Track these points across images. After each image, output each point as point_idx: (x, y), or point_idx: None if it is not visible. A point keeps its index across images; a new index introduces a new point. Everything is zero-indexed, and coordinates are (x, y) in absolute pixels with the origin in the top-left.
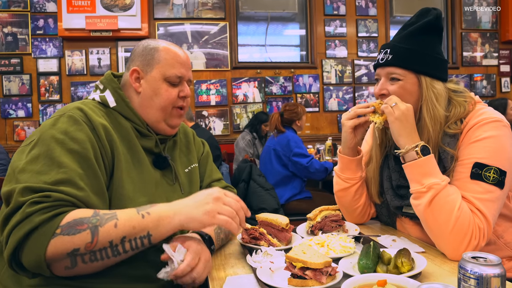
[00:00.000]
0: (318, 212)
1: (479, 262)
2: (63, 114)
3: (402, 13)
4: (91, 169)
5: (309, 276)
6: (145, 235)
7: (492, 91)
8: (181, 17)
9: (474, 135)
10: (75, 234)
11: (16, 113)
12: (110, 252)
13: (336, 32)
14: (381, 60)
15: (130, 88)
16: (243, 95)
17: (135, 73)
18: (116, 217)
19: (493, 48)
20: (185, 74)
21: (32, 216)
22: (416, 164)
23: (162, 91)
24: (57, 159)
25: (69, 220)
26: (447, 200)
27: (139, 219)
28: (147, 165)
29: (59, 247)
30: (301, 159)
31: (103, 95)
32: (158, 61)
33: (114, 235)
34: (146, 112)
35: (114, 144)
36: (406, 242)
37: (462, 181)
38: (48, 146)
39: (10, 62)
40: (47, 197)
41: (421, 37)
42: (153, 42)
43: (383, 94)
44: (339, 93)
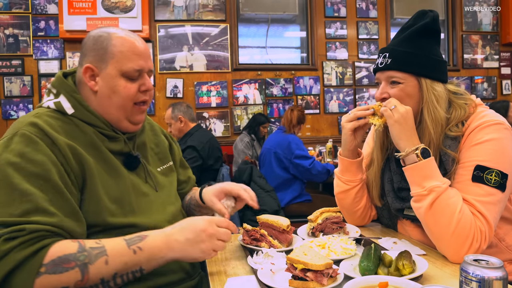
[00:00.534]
0: (319, 214)
1: (481, 264)
2: (16, 133)
3: (402, 15)
4: (57, 191)
5: (310, 277)
6: (137, 270)
7: (493, 94)
8: (182, 19)
9: (475, 138)
10: (62, 273)
11: (17, 114)
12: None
13: (336, 34)
14: (380, 64)
15: (85, 87)
16: (244, 96)
17: (89, 70)
18: (105, 252)
19: (494, 50)
20: (144, 66)
21: (11, 254)
22: (417, 167)
23: (120, 88)
24: (18, 187)
25: (53, 258)
26: (448, 203)
27: (130, 254)
28: (121, 171)
29: (45, 286)
30: (303, 161)
31: (58, 101)
32: (112, 55)
33: (105, 272)
34: (106, 112)
35: (82, 157)
36: (407, 244)
37: (463, 183)
38: (5, 173)
39: (12, 63)
40: (21, 231)
41: (419, 39)
42: (105, 33)
43: (384, 98)
44: (340, 95)
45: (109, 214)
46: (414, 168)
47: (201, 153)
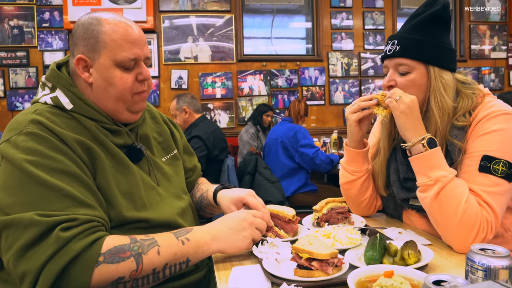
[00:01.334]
0: (324, 204)
1: (487, 254)
2: (20, 132)
3: (409, 5)
4: (83, 184)
5: (315, 267)
6: (184, 261)
7: (500, 85)
8: (187, 9)
9: (483, 128)
10: (120, 262)
11: (22, 105)
12: (151, 279)
13: (342, 25)
14: (388, 51)
15: (80, 78)
16: (249, 88)
17: (81, 62)
18: (156, 243)
19: (501, 41)
20: (139, 54)
21: (70, 244)
22: (423, 157)
23: (116, 79)
24: (47, 184)
25: (110, 247)
26: (454, 192)
27: (180, 245)
28: (129, 164)
29: (104, 275)
30: (307, 150)
31: (55, 96)
32: (104, 44)
33: (158, 262)
34: (104, 105)
35: (92, 152)
36: (413, 234)
37: (470, 173)
38: (28, 171)
39: (17, 55)
40: (74, 220)
41: (428, 27)
42: (94, 19)
43: (391, 86)
44: (345, 86)
45: (124, 209)
46: (420, 158)
47: (206, 143)
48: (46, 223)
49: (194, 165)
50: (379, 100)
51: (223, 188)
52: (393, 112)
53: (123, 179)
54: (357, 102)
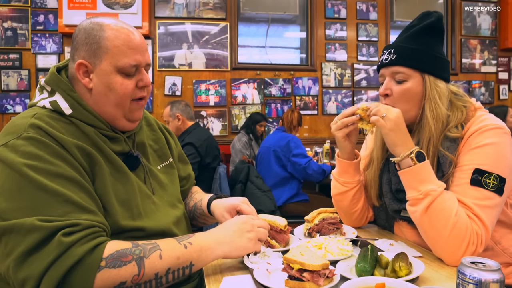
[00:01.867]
0: (316, 214)
1: (478, 267)
2: (19, 136)
3: (402, 18)
4: (84, 190)
5: (307, 278)
6: (187, 266)
7: (490, 98)
8: (182, 16)
9: (474, 141)
10: (121, 267)
11: (13, 108)
12: (154, 284)
13: (336, 36)
14: (385, 60)
15: (79, 83)
16: (242, 96)
17: (82, 67)
18: (158, 247)
19: (492, 55)
20: (141, 60)
21: (72, 249)
22: (412, 170)
23: (117, 85)
24: (48, 188)
25: (112, 252)
26: (443, 206)
27: (182, 249)
28: (127, 172)
29: (106, 280)
30: (300, 159)
31: (54, 100)
32: (106, 50)
33: (160, 266)
34: (102, 111)
35: (92, 157)
36: (404, 246)
37: (461, 186)
38: (28, 176)
39: (9, 57)
40: (76, 225)
41: (424, 37)
42: (96, 24)
43: (387, 94)
44: (338, 96)
45: (120, 217)
46: (409, 172)
47: (199, 150)
48: (48, 228)
49: (188, 174)
50: (361, 115)
51: (217, 197)
52: (381, 130)
53: (121, 186)
54: (340, 118)
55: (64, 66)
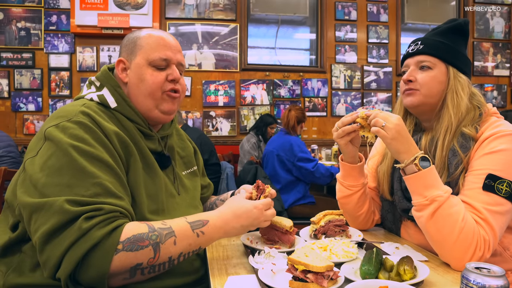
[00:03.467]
0: (322, 216)
1: (483, 273)
2: (69, 119)
3: (413, 20)
4: (117, 177)
5: (311, 279)
6: (196, 249)
7: (502, 102)
8: (192, 17)
9: (489, 147)
10: (138, 250)
11: (26, 107)
12: (167, 265)
13: (346, 37)
14: (411, 50)
15: (120, 81)
16: (251, 97)
17: (121, 63)
18: (173, 233)
19: (505, 59)
20: (171, 56)
21: (91, 232)
22: (417, 176)
23: (147, 76)
24: (85, 170)
25: (129, 236)
26: (450, 212)
27: (194, 237)
28: (157, 169)
29: (123, 262)
30: (306, 164)
31: (101, 94)
32: (140, 47)
33: (174, 251)
34: (136, 102)
35: (130, 151)
36: (409, 250)
37: (473, 191)
38: (70, 155)
39: (22, 56)
40: (99, 210)
41: (451, 34)
42: (137, 31)
43: (410, 80)
44: (348, 98)
45: (146, 209)
46: (415, 178)
47: None
48: (74, 212)
49: (208, 183)
50: (361, 124)
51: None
52: (383, 141)
53: (150, 181)
54: (341, 126)
55: (112, 68)
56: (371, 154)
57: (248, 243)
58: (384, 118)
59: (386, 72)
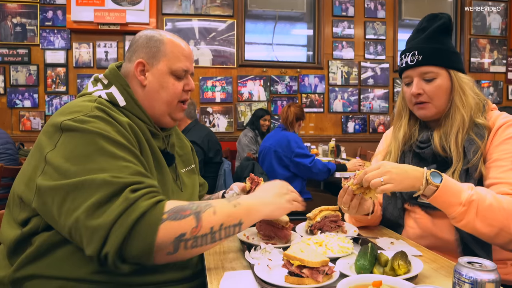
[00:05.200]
0: (318, 212)
1: (475, 267)
2: (86, 114)
3: (411, 16)
4: (143, 163)
5: (306, 274)
6: (237, 223)
7: (498, 98)
8: (189, 13)
9: (504, 133)
10: (181, 219)
11: (22, 103)
12: (210, 239)
13: (343, 34)
14: (410, 62)
15: (134, 80)
16: (248, 93)
17: (140, 65)
18: (212, 204)
19: (501, 55)
20: (189, 67)
21: (138, 203)
22: (441, 193)
23: (169, 85)
24: (115, 154)
25: (172, 207)
26: (488, 202)
27: (232, 207)
28: (164, 166)
29: (168, 231)
30: (303, 160)
31: (110, 92)
32: (164, 53)
33: (214, 221)
34: (151, 106)
35: (142, 145)
36: (404, 245)
37: (507, 173)
38: (97, 143)
39: (18, 52)
40: (141, 183)
41: (441, 36)
42: (157, 34)
43: (419, 94)
44: (345, 94)
45: None
46: (439, 195)
47: (202, 146)
48: (118, 183)
49: (204, 182)
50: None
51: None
52: (392, 190)
53: (160, 176)
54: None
55: (118, 66)
56: (378, 149)
57: (245, 238)
58: (377, 175)
59: (383, 68)
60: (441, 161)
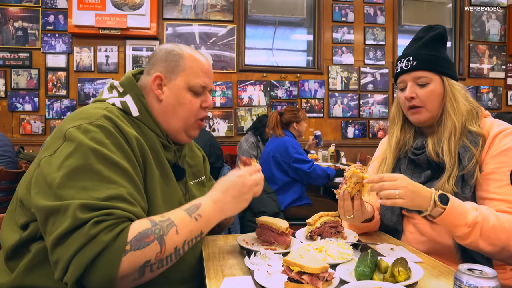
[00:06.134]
0: (318, 217)
1: (475, 274)
2: (91, 122)
3: (410, 22)
4: (134, 184)
5: (306, 280)
6: (198, 235)
7: (498, 104)
8: (190, 18)
9: (502, 143)
10: (145, 247)
11: (23, 106)
12: (174, 257)
13: (343, 39)
14: (405, 66)
15: (150, 93)
16: (248, 98)
17: (158, 79)
18: (174, 223)
19: (500, 61)
20: (208, 84)
21: (98, 237)
22: (448, 214)
23: (186, 101)
24: (102, 174)
25: (135, 234)
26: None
27: (193, 222)
28: (173, 179)
29: (131, 262)
30: (302, 165)
31: (124, 101)
32: (183, 68)
33: (178, 240)
34: (167, 121)
35: (147, 158)
36: (404, 251)
37: (504, 188)
38: (88, 159)
39: (19, 56)
40: (109, 215)
41: (435, 45)
42: (177, 48)
43: (412, 97)
44: (344, 99)
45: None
46: (447, 217)
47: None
48: (83, 219)
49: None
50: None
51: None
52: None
53: (167, 190)
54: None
55: (135, 74)
56: (375, 156)
57: (244, 244)
58: (394, 187)
59: (382, 74)
60: (435, 167)
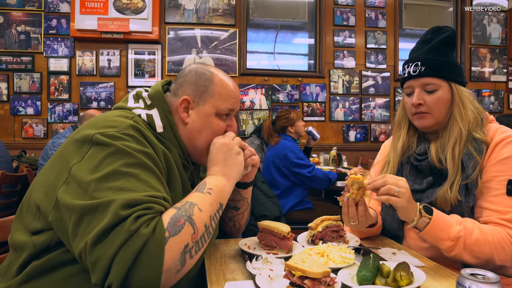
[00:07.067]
0: (320, 222)
1: (478, 279)
2: (119, 130)
3: (411, 26)
4: (167, 191)
5: (308, 285)
6: (219, 207)
7: (499, 107)
8: (192, 22)
9: (502, 152)
10: (180, 231)
11: (25, 110)
12: (206, 236)
13: (345, 43)
14: (413, 72)
15: (176, 115)
16: (250, 101)
17: (185, 102)
18: (193, 203)
19: (502, 64)
20: (235, 107)
21: (139, 231)
22: (432, 226)
23: (213, 125)
24: (139, 177)
25: (168, 221)
26: (474, 236)
27: (209, 196)
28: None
29: (173, 249)
30: (302, 170)
31: (151, 114)
32: (212, 94)
33: (204, 217)
34: (191, 144)
35: (172, 172)
36: (407, 255)
37: (499, 197)
38: (123, 162)
39: (22, 60)
40: (149, 209)
41: (444, 49)
42: (207, 72)
43: (420, 104)
44: (346, 103)
45: None
46: (431, 228)
47: None
48: (124, 216)
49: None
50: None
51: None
52: (396, 204)
53: None
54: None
55: (164, 84)
56: (376, 160)
57: (246, 248)
58: (397, 184)
59: (384, 77)
60: (438, 174)
